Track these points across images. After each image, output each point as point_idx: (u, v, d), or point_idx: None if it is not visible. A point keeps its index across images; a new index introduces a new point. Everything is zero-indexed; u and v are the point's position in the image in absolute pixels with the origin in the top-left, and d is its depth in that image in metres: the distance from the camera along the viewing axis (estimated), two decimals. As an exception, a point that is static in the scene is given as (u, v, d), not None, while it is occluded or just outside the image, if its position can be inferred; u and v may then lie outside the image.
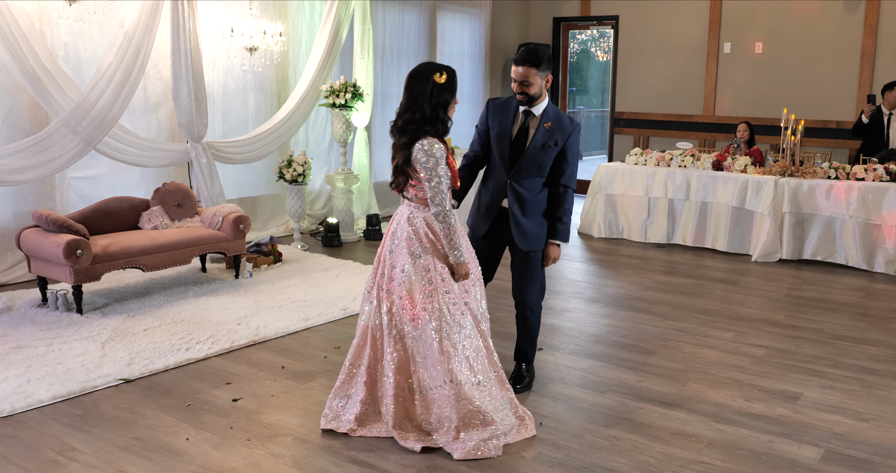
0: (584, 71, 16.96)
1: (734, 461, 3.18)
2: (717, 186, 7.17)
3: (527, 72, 3.56)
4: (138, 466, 3.09)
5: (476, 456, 3.13)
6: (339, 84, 7.12)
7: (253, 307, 5.20)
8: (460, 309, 3.24)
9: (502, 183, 3.72)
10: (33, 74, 5.41)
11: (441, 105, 3.17)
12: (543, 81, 3.62)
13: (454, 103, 3.23)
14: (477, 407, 3.19)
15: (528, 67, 3.55)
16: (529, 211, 3.73)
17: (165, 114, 6.69)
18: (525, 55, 3.56)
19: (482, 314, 3.41)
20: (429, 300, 3.20)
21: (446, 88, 3.17)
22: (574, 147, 3.75)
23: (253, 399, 3.75)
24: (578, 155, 3.87)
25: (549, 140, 3.65)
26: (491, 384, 3.30)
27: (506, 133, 3.70)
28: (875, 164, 6.74)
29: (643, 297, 5.67)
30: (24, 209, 5.82)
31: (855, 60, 8.54)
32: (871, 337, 4.80)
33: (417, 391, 3.24)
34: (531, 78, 3.57)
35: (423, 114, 3.15)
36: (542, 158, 3.67)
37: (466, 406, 3.18)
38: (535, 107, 3.68)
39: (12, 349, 4.33)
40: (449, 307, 3.21)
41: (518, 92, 3.63)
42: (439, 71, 3.16)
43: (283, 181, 6.99)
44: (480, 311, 3.40)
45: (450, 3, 9.60)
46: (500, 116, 3.73)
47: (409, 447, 3.20)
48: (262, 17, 7.17)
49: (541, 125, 3.66)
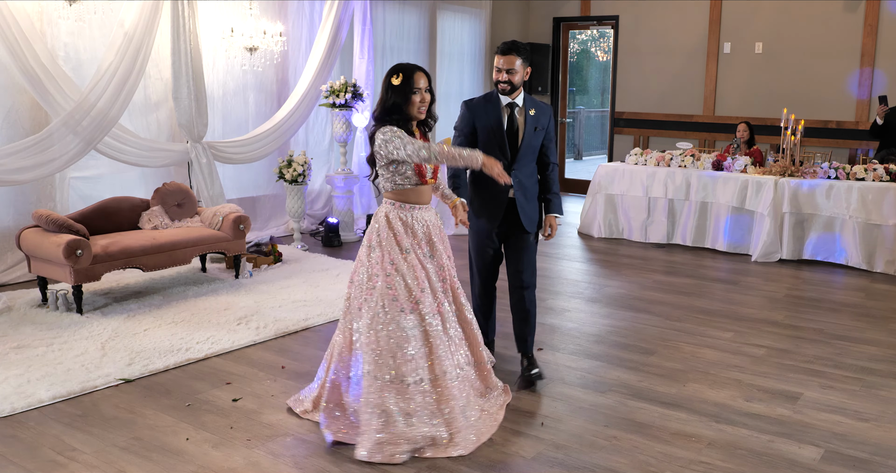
0: (584, 71, 16.96)
1: (734, 461, 3.18)
2: (717, 186, 7.17)
3: (512, 59, 3.77)
4: (138, 466, 3.09)
5: (376, 459, 3.09)
6: (339, 84, 7.12)
7: (253, 306, 5.20)
8: (400, 307, 3.25)
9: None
10: (33, 74, 5.41)
11: (395, 105, 3.33)
12: (524, 72, 3.83)
13: (420, 100, 3.35)
14: (383, 406, 3.20)
15: (514, 56, 3.78)
16: (529, 195, 3.93)
17: (165, 114, 6.69)
18: (510, 45, 3.80)
19: (445, 314, 3.38)
20: (370, 292, 3.30)
21: (399, 90, 3.32)
22: (552, 127, 4.07)
23: (253, 399, 3.74)
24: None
25: (538, 125, 3.90)
26: (419, 389, 3.23)
27: (498, 127, 3.84)
28: (875, 164, 6.74)
29: (643, 297, 5.67)
30: (24, 209, 5.83)
31: (855, 60, 8.54)
32: (871, 337, 4.80)
33: (343, 379, 3.39)
34: (516, 66, 3.78)
35: (380, 111, 3.38)
36: (536, 143, 3.92)
37: (372, 401, 3.20)
38: (517, 98, 3.87)
39: (12, 349, 4.33)
40: (386, 302, 3.26)
41: (503, 81, 3.80)
42: (396, 73, 3.34)
43: (283, 181, 6.99)
44: (435, 311, 3.34)
45: (450, 2, 9.61)
46: (485, 114, 3.86)
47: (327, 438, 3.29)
48: (262, 17, 7.17)
49: (527, 113, 3.87)
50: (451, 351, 3.36)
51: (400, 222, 3.38)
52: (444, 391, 3.30)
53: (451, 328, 3.41)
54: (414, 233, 3.39)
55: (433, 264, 3.43)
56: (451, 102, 9.97)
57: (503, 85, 3.80)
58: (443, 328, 3.36)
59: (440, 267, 3.46)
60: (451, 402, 3.29)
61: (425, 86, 3.37)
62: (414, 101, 3.34)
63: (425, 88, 3.37)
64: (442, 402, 3.28)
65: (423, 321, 3.29)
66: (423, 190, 3.44)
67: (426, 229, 3.43)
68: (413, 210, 3.41)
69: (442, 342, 3.31)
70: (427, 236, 3.43)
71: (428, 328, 3.29)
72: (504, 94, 3.84)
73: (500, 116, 3.84)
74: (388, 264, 3.31)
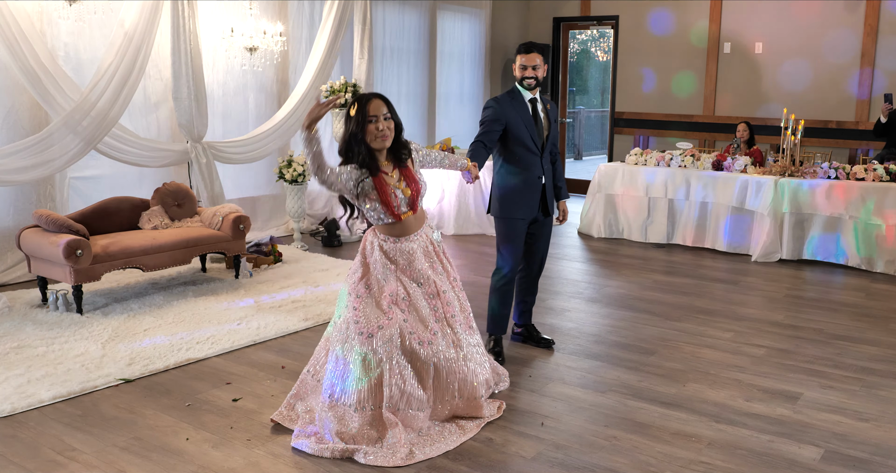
0: (584, 71, 16.96)
1: (734, 461, 3.18)
2: (717, 186, 7.17)
3: (535, 57, 4.12)
4: (138, 466, 3.09)
5: (312, 451, 3.17)
6: (339, 84, 7.12)
7: (253, 306, 5.20)
8: (359, 330, 3.24)
9: (536, 163, 4.19)
10: (33, 74, 5.42)
11: (353, 135, 3.27)
12: (544, 68, 4.18)
13: (376, 128, 3.26)
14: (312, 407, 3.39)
15: (536, 53, 4.12)
16: (549, 182, 4.32)
17: (165, 114, 6.69)
18: (530, 44, 4.15)
19: (408, 334, 3.29)
20: (345, 310, 3.37)
21: (355, 120, 3.27)
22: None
23: (253, 399, 3.75)
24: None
25: (554, 118, 4.33)
26: (347, 408, 3.22)
27: (528, 122, 4.16)
28: (875, 164, 6.74)
29: (643, 297, 5.67)
30: (24, 209, 5.83)
31: (855, 60, 8.54)
32: (871, 337, 4.80)
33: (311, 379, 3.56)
34: (539, 62, 4.12)
35: (341, 145, 3.36)
36: (555, 134, 4.33)
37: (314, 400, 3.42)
38: (537, 93, 4.22)
39: (12, 349, 4.33)
40: (350, 322, 3.29)
41: (530, 76, 4.13)
42: (353, 104, 3.29)
43: (283, 181, 6.99)
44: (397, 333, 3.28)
45: (450, 3, 9.60)
46: (514, 110, 4.15)
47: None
48: (262, 17, 7.18)
49: (545, 108, 4.27)
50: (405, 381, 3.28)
51: (380, 251, 3.38)
52: (375, 417, 3.24)
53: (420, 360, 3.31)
54: (395, 262, 3.38)
55: (422, 290, 3.40)
56: (450, 102, 9.98)
57: (530, 81, 4.13)
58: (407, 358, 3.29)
59: (429, 295, 3.42)
60: (393, 429, 3.20)
61: (384, 113, 3.27)
62: (370, 129, 3.25)
63: (383, 116, 3.26)
64: (382, 429, 3.22)
65: (374, 349, 3.23)
66: (406, 223, 3.40)
67: (409, 258, 3.40)
68: (398, 243, 3.39)
69: (393, 373, 3.25)
70: (409, 262, 3.40)
71: (384, 355, 3.23)
72: (530, 89, 4.15)
73: (527, 111, 4.16)
74: (363, 287, 3.34)
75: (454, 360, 3.39)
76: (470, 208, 7.89)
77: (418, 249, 3.43)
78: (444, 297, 3.44)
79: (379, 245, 3.40)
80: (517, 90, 4.17)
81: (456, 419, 3.45)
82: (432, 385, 3.36)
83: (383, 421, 3.22)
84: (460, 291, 3.59)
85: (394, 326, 3.26)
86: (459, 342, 3.44)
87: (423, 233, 3.48)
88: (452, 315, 3.46)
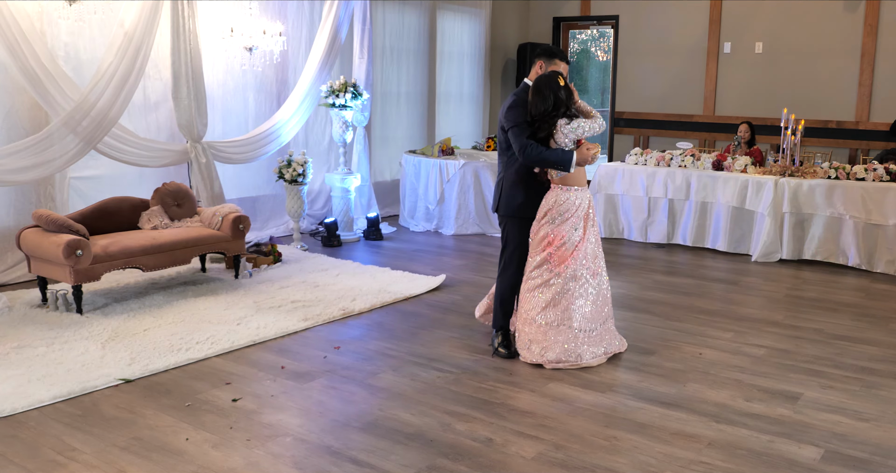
0: (584, 71, 16.95)
1: (734, 461, 3.18)
2: (717, 186, 7.17)
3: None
4: (138, 466, 3.09)
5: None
6: (338, 84, 7.12)
7: (253, 306, 5.20)
8: (551, 268, 4.28)
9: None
10: (33, 74, 5.41)
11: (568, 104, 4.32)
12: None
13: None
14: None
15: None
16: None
17: (165, 114, 6.68)
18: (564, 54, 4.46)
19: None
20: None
21: (564, 90, 4.25)
22: None
23: (253, 399, 3.75)
24: None
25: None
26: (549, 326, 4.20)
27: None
28: (875, 164, 6.74)
29: (643, 297, 5.67)
30: (24, 209, 5.82)
31: (855, 60, 8.54)
32: (871, 337, 4.80)
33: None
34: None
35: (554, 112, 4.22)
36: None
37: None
38: None
39: (12, 349, 4.33)
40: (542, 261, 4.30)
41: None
42: (559, 76, 4.25)
43: (283, 181, 6.98)
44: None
45: (450, 3, 9.60)
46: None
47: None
48: (261, 16, 7.17)
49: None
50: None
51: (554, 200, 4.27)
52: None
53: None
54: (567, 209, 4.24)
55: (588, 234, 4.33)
56: (450, 102, 9.97)
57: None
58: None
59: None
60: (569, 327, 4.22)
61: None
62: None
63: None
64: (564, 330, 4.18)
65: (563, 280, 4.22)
66: (574, 174, 4.23)
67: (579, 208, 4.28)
68: (569, 192, 4.26)
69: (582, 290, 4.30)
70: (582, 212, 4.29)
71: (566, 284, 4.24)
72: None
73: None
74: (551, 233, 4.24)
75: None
76: (470, 208, 7.89)
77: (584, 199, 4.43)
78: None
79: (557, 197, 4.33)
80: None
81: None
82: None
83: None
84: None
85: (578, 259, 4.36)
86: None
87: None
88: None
